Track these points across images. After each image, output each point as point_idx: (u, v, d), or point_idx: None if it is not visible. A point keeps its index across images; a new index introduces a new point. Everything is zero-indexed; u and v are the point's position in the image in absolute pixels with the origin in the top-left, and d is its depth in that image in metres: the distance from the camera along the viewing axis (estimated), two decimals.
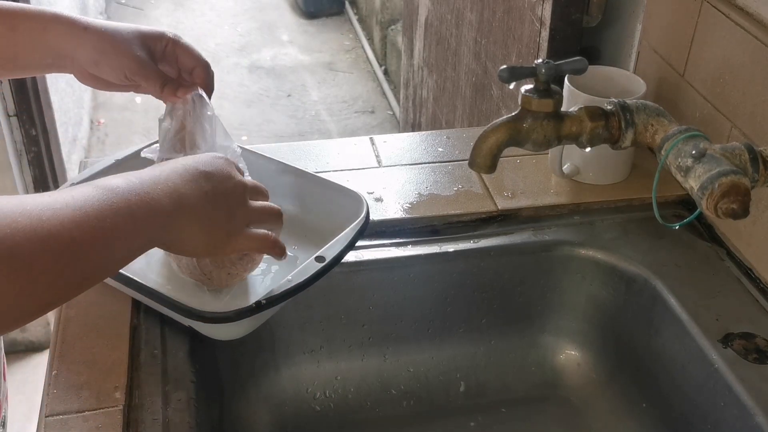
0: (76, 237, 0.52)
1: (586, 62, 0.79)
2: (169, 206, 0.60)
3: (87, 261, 0.54)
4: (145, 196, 0.58)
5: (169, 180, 0.61)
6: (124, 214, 0.56)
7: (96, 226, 0.53)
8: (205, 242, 0.65)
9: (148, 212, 0.58)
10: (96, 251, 0.54)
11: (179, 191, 0.61)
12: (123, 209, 0.56)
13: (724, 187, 0.68)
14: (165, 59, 0.77)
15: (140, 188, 0.58)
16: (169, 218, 0.60)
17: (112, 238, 0.55)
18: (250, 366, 0.91)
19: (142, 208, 0.57)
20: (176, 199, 0.61)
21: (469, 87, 1.68)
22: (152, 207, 0.58)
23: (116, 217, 0.55)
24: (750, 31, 0.85)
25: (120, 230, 0.56)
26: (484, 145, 0.78)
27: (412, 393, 0.96)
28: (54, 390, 0.71)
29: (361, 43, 4.13)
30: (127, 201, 0.56)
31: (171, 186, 0.61)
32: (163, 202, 0.59)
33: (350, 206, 0.84)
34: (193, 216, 0.62)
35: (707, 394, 0.79)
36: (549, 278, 0.95)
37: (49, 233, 0.50)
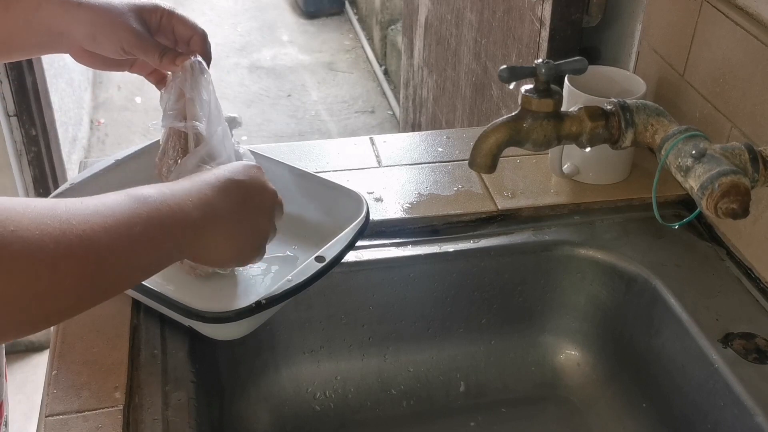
0: (104, 243, 0.52)
1: (586, 62, 0.79)
2: (199, 218, 0.60)
3: (113, 268, 0.53)
4: (175, 206, 0.58)
5: (201, 192, 0.61)
6: (154, 224, 0.56)
7: (124, 233, 0.53)
8: (232, 254, 0.65)
9: (177, 223, 0.58)
10: (123, 258, 0.54)
11: (210, 203, 0.61)
12: (153, 219, 0.56)
13: (724, 187, 0.68)
14: (161, 31, 0.77)
15: (171, 199, 0.58)
16: (198, 230, 0.60)
17: (140, 247, 0.55)
18: (250, 366, 0.91)
19: (172, 218, 0.57)
20: (207, 211, 0.60)
21: (469, 87, 1.68)
22: (182, 218, 0.58)
23: (145, 226, 0.55)
24: (750, 31, 0.85)
25: (148, 239, 0.55)
26: (484, 145, 0.78)
27: (412, 393, 0.96)
28: (54, 390, 0.71)
29: (361, 43, 4.13)
30: (158, 211, 0.56)
31: (202, 198, 0.60)
32: (193, 215, 0.59)
33: (350, 206, 0.84)
34: (221, 228, 0.62)
35: (707, 394, 0.79)
36: (549, 278, 0.95)
37: (78, 237, 0.50)
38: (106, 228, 0.52)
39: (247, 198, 0.65)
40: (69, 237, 0.50)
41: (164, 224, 0.57)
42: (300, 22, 4.46)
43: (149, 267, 0.57)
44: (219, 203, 0.62)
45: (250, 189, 0.65)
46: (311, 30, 4.36)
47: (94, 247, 0.51)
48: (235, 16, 4.52)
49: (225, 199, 0.62)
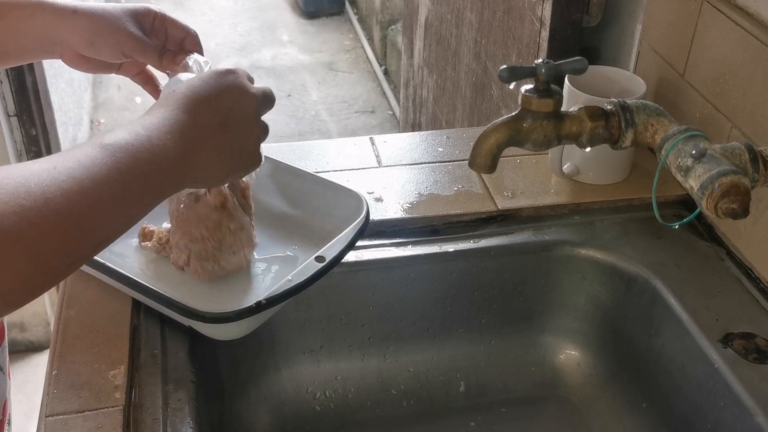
0: (85, 209, 0.51)
1: (586, 62, 0.79)
2: (178, 152, 0.58)
3: (100, 229, 0.53)
4: (152, 148, 0.56)
5: (176, 121, 0.59)
6: (136, 174, 0.54)
7: (105, 193, 0.52)
8: (226, 169, 0.64)
9: (158, 166, 0.56)
10: (109, 217, 0.53)
11: (188, 131, 0.59)
12: (133, 169, 0.54)
13: (724, 187, 0.68)
14: (154, 33, 0.77)
15: (147, 141, 0.56)
16: (180, 163, 0.58)
17: (124, 201, 0.54)
18: (250, 366, 0.91)
19: (151, 162, 0.55)
20: (186, 140, 0.59)
21: (469, 87, 1.68)
22: (161, 157, 0.57)
23: (126, 180, 0.54)
24: (750, 31, 0.85)
25: (131, 192, 0.54)
26: (484, 145, 0.78)
27: (412, 393, 0.96)
28: (54, 390, 0.71)
29: (361, 43, 4.13)
30: (136, 158, 0.54)
31: (178, 127, 0.59)
32: (172, 150, 0.57)
33: (350, 206, 0.84)
34: (206, 148, 0.61)
35: (707, 394, 0.79)
36: (549, 278, 0.95)
37: (57, 212, 0.49)
38: (84, 193, 0.51)
39: (225, 108, 0.63)
40: (47, 214, 0.48)
41: (144, 171, 0.55)
42: (300, 22, 4.46)
43: (139, 213, 0.57)
44: (197, 126, 0.60)
45: (226, 97, 0.63)
46: (311, 30, 4.36)
47: (75, 219, 0.50)
48: (235, 16, 4.52)
49: (202, 119, 0.61)
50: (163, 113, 0.60)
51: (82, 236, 0.51)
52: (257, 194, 0.90)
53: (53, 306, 2.18)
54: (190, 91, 0.62)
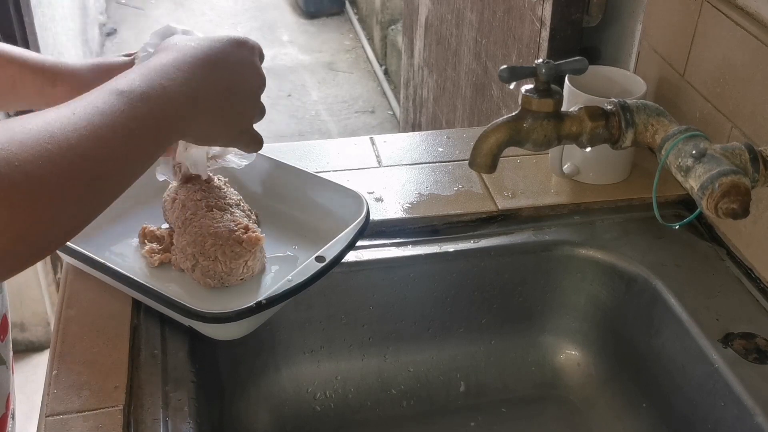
0: (104, 156, 0.52)
1: (587, 62, 0.79)
2: (189, 107, 0.60)
3: (116, 176, 0.54)
4: (166, 99, 0.58)
5: (189, 76, 0.61)
6: (149, 124, 0.56)
7: (122, 140, 0.54)
8: (219, 134, 0.66)
9: (169, 118, 0.58)
10: (124, 165, 0.55)
11: (198, 88, 0.61)
12: (147, 118, 0.56)
13: (724, 187, 0.68)
14: None
15: (161, 91, 0.58)
16: (187, 118, 0.60)
17: (138, 150, 0.56)
18: (250, 366, 0.91)
19: (165, 114, 0.58)
20: (195, 97, 0.61)
21: (469, 87, 1.68)
22: (173, 110, 0.59)
23: (141, 128, 0.55)
24: (750, 31, 0.85)
25: (144, 140, 0.56)
26: (484, 144, 0.78)
27: (412, 393, 0.96)
28: (54, 390, 0.71)
29: (361, 43, 4.13)
30: (150, 108, 0.56)
31: (191, 82, 0.60)
32: (183, 105, 0.59)
33: (350, 206, 0.84)
34: (209, 111, 0.63)
35: (707, 394, 0.79)
36: (549, 278, 0.95)
37: (81, 156, 0.50)
38: (103, 140, 0.52)
39: (236, 78, 0.65)
40: (71, 159, 0.49)
41: (158, 122, 0.57)
42: (300, 22, 4.46)
43: (146, 164, 0.58)
44: (207, 84, 0.62)
45: (238, 68, 0.65)
46: (311, 30, 4.36)
47: (96, 164, 0.51)
48: (235, 16, 4.52)
49: (213, 78, 0.63)
50: (176, 63, 0.61)
51: (101, 182, 0.52)
52: (257, 194, 0.90)
53: (53, 306, 2.18)
54: (205, 50, 0.64)
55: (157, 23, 4.38)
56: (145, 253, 0.82)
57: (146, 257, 0.81)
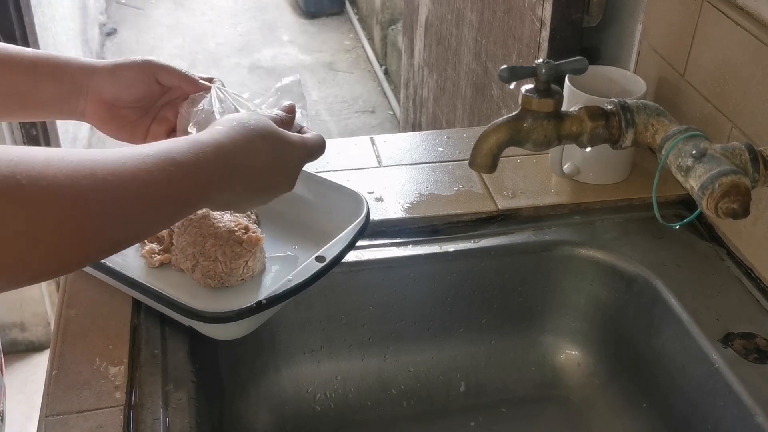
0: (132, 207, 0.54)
1: (587, 62, 0.79)
2: (220, 181, 0.62)
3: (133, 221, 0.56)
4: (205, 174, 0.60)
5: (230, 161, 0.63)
6: (182, 196, 0.59)
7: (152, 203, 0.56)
8: (237, 207, 0.69)
9: (203, 188, 0.60)
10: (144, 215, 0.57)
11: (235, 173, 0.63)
12: (185, 191, 0.59)
13: (724, 187, 0.68)
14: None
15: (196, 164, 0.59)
16: (216, 190, 0.62)
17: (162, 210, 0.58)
18: (250, 366, 0.91)
19: (199, 187, 0.60)
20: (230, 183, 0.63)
21: (469, 87, 1.68)
22: (208, 183, 0.61)
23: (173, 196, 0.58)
24: (750, 30, 0.85)
25: (174, 205, 0.59)
26: (484, 144, 0.78)
27: (412, 393, 0.96)
28: (54, 390, 0.71)
29: (361, 43, 4.13)
30: (190, 182, 0.59)
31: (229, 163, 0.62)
32: (216, 177, 0.61)
33: (350, 206, 0.84)
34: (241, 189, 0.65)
35: (707, 394, 0.79)
36: (549, 278, 0.95)
37: (112, 199, 0.53)
38: (140, 192, 0.55)
39: (269, 160, 0.67)
40: (101, 199, 0.52)
41: (192, 192, 0.59)
42: (300, 21, 4.46)
43: (167, 222, 0.61)
44: (242, 163, 0.64)
45: (278, 168, 0.68)
46: (311, 30, 4.36)
47: (124, 208, 0.54)
48: (236, 16, 4.52)
49: (249, 158, 0.65)
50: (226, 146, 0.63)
51: (123, 227, 0.55)
52: None
53: (53, 306, 2.18)
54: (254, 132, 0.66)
55: (158, 23, 4.38)
56: (145, 254, 0.82)
57: (146, 257, 0.81)
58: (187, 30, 4.29)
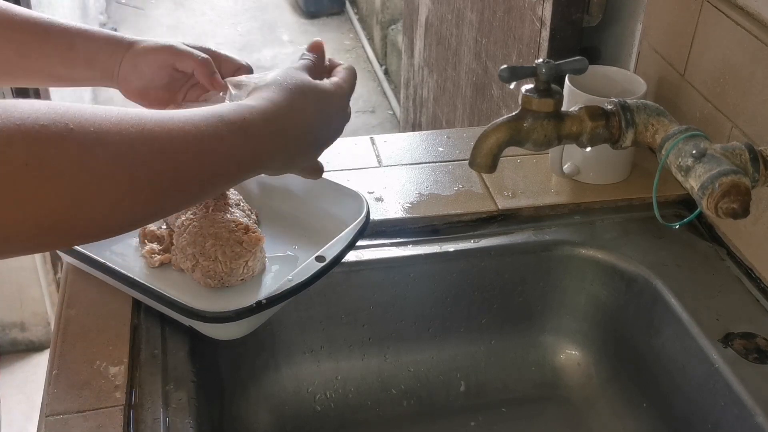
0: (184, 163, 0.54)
1: (587, 62, 0.79)
2: (271, 145, 0.62)
3: (185, 186, 0.55)
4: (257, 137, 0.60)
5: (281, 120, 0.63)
6: (234, 156, 0.58)
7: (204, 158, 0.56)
8: (288, 169, 0.68)
9: (255, 152, 0.60)
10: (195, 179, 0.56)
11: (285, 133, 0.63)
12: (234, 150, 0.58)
13: (724, 187, 0.68)
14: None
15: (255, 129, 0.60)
16: (267, 156, 0.62)
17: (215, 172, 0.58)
18: (250, 366, 0.91)
19: (252, 150, 0.60)
20: (283, 143, 0.63)
21: (469, 87, 1.68)
22: (260, 146, 0.61)
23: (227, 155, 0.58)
24: (750, 30, 0.85)
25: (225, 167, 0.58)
26: (484, 144, 0.78)
27: (412, 393, 0.96)
28: (54, 389, 0.71)
29: (361, 43, 4.13)
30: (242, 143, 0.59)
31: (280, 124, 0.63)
32: (267, 142, 0.61)
33: (350, 206, 0.84)
34: (289, 151, 0.65)
35: (707, 394, 0.79)
36: (549, 278, 0.95)
37: (160, 150, 0.52)
38: (188, 143, 0.54)
39: (321, 123, 0.68)
40: (150, 149, 0.51)
41: (243, 155, 0.59)
42: (300, 21, 4.46)
43: (218, 187, 0.60)
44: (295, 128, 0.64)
45: (330, 121, 0.69)
46: (312, 30, 4.36)
47: (172, 165, 0.53)
48: (236, 16, 4.52)
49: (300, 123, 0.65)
50: (274, 107, 0.63)
51: (172, 180, 0.54)
52: (257, 194, 0.90)
53: (53, 306, 2.18)
54: (301, 98, 0.66)
55: (158, 23, 4.38)
56: (145, 254, 0.82)
57: (146, 257, 0.81)
58: (187, 30, 4.29)
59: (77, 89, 3.12)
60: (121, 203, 0.50)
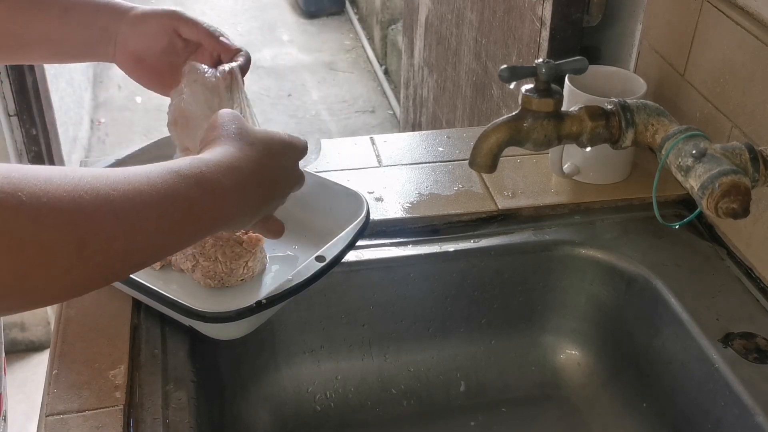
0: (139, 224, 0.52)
1: (587, 62, 0.79)
2: (234, 204, 0.60)
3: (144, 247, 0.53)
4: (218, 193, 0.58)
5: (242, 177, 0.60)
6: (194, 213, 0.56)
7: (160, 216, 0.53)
8: (245, 225, 0.65)
9: (216, 209, 0.58)
10: (155, 239, 0.54)
11: (247, 189, 0.61)
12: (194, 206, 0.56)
13: (724, 187, 0.68)
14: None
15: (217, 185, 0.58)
16: (229, 214, 0.60)
17: (174, 230, 0.56)
18: (250, 366, 0.91)
19: (213, 206, 0.57)
20: (243, 199, 0.60)
21: (469, 86, 1.68)
22: (221, 203, 0.58)
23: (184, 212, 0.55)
24: (750, 30, 0.85)
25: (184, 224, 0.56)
26: (484, 144, 0.78)
27: (412, 392, 0.96)
28: (54, 389, 0.71)
29: (361, 43, 4.13)
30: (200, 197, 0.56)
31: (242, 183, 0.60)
32: (231, 200, 0.59)
33: (350, 206, 0.84)
34: (249, 209, 0.62)
35: (707, 394, 0.79)
36: (549, 278, 0.95)
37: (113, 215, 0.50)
38: (143, 206, 0.52)
39: (278, 180, 0.65)
40: (103, 213, 0.49)
41: (204, 211, 0.57)
42: (300, 21, 4.46)
43: (178, 244, 0.58)
44: (255, 186, 0.62)
45: (282, 172, 0.66)
46: (311, 30, 4.36)
47: (128, 225, 0.51)
48: (236, 16, 4.52)
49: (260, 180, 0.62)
50: (233, 161, 0.60)
51: (126, 244, 0.51)
52: None
53: (53, 306, 2.18)
54: (259, 151, 0.63)
55: None
56: None
57: None
58: None
59: (77, 90, 3.12)
60: (74, 269, 0.49)
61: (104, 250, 0.50)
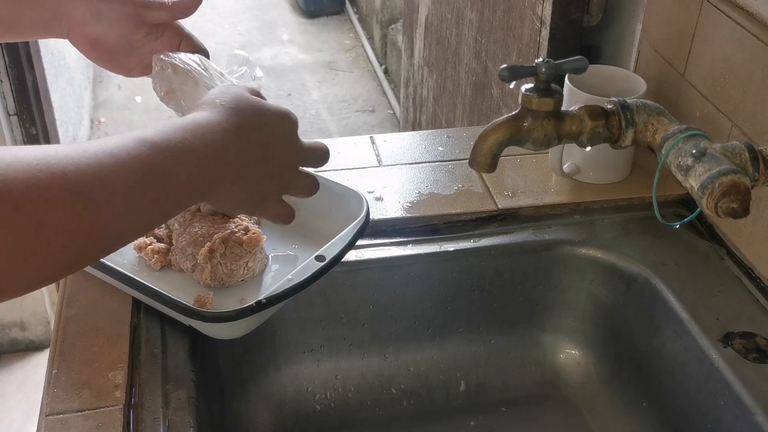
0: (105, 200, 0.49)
1: (587, 61, 0.79)
2: (210, 165, 0.57)
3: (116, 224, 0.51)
4: (189, 155, 0.55)
5: (221, 138, 0.58)
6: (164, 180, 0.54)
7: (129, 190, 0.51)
8: (240, 201, 0.63)
9: (190, 174, 0.55)
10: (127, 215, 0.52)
11: (225, 152, 0.58)
12: (162, 172, 0.53)
13: (724, 187, 0.68)
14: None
15: (185, 145, 0.55)
16: (207, 178, 0.57)
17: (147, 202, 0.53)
18: (250, 365, 0.91)
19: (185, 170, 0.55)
20: (221, 161, 0.58)
21: (469, 86, 1.68)
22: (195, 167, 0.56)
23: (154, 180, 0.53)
24: (750, 30, 0.85)
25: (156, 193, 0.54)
26: (484, 144, 0.78)
27: (412, 392, 0.96)
28: (54, 389, 0.71)
29: (361, 42, 4.13)
30: (169, 162, 0.54)
31: (219, 144, 0.58)
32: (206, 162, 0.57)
33: (350, 205, 0.84)
34: (235, 176, 0.60)
35: (707, 394, 0.79)
36: (549, 277, 0.95)
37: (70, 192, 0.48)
38: (105, 181, 0.49)
39: (270, 148, 0.62)
40: (59, 190, 0.47)
41: (176, 176, 0.54)
42: (300, 21, 4.46)
43: (156, 219, 0.56)
44: (237, 151, 0.59)
45: (273, 139, 0.63)
46: (311, 29, 4.36)
47: (88, 202, 0.48)
48: (236, 15, 4.51)
49: (245, 146, 0.60)
50: (210, 123, 0.58)
51: (91, 222, 0.49)
52: None
53: (53, 305, 2.18)
54: (245, 116, 0.61)
55: None
56: (144, 254, 0.82)
57: (146, 258, 0.81)
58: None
59: (77, 89, 3.12)
60: (35, 254, 0.46)
61: (65, 230, 0.47)
